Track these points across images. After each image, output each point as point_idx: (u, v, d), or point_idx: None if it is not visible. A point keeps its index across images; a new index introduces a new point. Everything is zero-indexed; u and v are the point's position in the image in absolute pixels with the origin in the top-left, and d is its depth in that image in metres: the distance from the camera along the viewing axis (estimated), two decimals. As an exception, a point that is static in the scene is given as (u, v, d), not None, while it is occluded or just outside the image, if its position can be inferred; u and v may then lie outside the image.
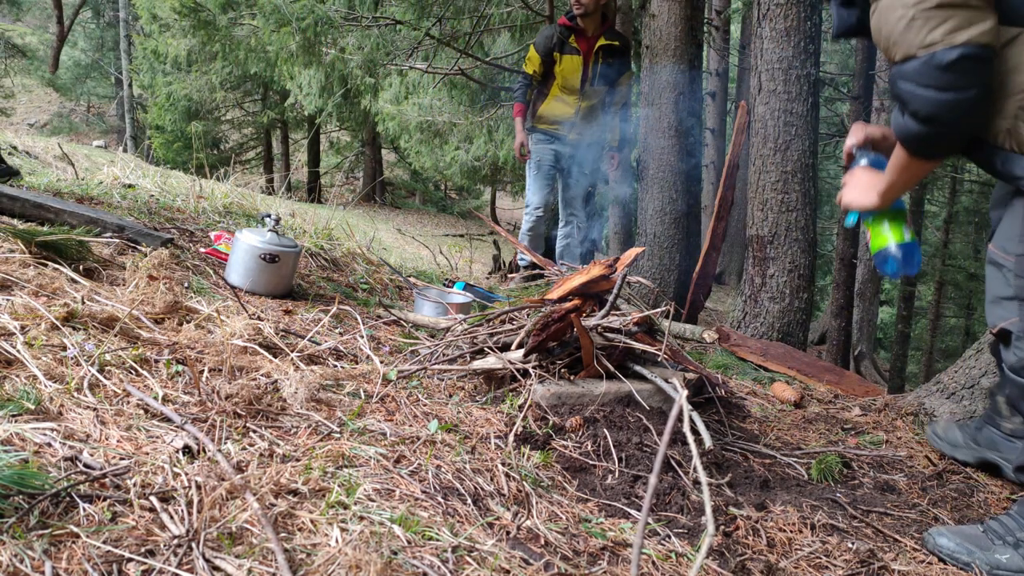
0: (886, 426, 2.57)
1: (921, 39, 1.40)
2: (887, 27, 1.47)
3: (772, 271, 4.58)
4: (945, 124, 1.45)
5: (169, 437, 1.27)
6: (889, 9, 1.45)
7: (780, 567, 1.38)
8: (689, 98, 5.93)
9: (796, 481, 1.87)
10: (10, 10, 19.87)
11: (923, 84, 1.42)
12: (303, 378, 1.63)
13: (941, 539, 1.56)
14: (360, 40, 7.49)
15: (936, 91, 1.41)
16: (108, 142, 20.49)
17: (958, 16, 1.38)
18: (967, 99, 1.42)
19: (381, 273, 3.52)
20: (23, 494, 0.99)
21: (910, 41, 1.42)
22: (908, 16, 1.41)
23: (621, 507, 1.49)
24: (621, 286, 2.06)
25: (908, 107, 1.47)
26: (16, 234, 1.97)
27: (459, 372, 2.06)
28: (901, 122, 1.51)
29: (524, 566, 1.14)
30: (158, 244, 2.40)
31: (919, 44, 1.41)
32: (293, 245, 2.60)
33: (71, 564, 0.91)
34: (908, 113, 1.48)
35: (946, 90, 1.40)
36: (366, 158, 19.36)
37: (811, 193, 4.61)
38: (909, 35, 1.42)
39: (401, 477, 1.35)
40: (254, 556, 1.00)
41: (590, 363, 1.97)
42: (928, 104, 1.43)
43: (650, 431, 1.81)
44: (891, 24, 1.45)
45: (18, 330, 1.51)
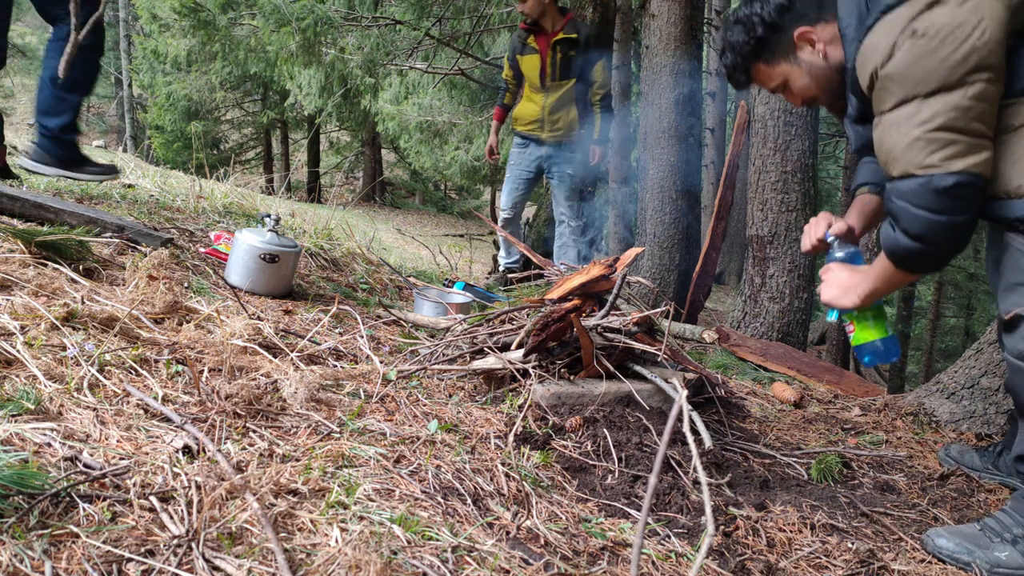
0: (886, 426, 2.57)
1: (920, 160, 1.46)
2: (889, 142, 1.52)
3: (772, 271, 4.58)
4: (934, 244, 1.52)
5: (169, 437, 1.27)
6: (893, 126, 1.50)
7: (780, 567, 1.38)
8: (689, 98, 5.93)
9: (796, 481, 1.87)
10: (10, 10, 19.83)
11: (917, 204, 1.49)
12: (303, 378, 1.63)
13: (940, 540, 1.56)
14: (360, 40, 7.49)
15: (929, 212, 1.48)
16: (108, 142, 20.49)
17: (960, 143, 1.44)
18: (958, 223, 1.49)
19: (381, 273, 3.52)
20: (23, 494, 0.99)
21: (909, 160, 1.48)
22: (912, 136, 1.46)
23: (621, 507, 1.49)
24: (621, 286, 2.06)
25: (900, 223, 1.54)
26: (16, 234, 1.97)
27: (459, 372, 2.06)
28: (892, 236, 1.58)
29: (524, 566, 1.14)
30: (158, 244, 2.40)
31: (918, 164, 1.47)
32: (293, 245, 2.60)
33: (71, 564, 0.91)
34: (899, 229, 1.55)
35: (939, 213, 1.47)
36: (366, 158, 19.36)
37: (811, 193, 4.61)
38: (910, 154, 1.47)
39: (401, 477, 1.35)
40: (254, 556, 1.00)
41: (590, 363, 1.97)
42: (920, 224, 1.50)
43: (650, 431, 1.81)
44: (893, 140, 1.51)
45: (18, 330, 1.51)
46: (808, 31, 1.70)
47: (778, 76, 1.80)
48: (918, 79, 1.44)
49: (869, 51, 1.52)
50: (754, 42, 1.76)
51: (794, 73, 1.77)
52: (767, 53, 1.77)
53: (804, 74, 1.76)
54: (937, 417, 2.60)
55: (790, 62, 1.76)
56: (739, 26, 1.78)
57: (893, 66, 1.47)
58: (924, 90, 1.45)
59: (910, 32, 1.44)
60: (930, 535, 1.59)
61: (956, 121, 1.43)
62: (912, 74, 1.45)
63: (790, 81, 1.80)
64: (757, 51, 1.78)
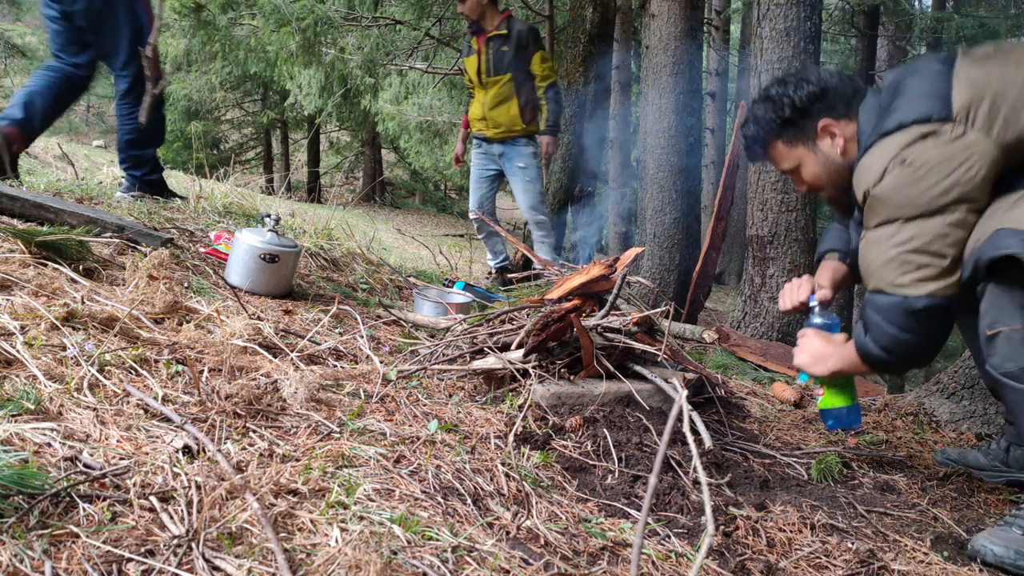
0: (886, 426, 2.57)
1: (893, 279, 1.58)
2: (868, 258, 1.64)
3: (772, 271, 4.58)
4: (898, 357, 1.65)
5: (169, 437, 1.27)
6: (874, 243, 1.62)
7: (780, 567, 1.38)
8: (688, 98, 5.93)
9: (796, 481, 1.87)
10: (10, 10, 19.87)
11: (887, 320, 1.61)
12: (303, 378, 1.63)
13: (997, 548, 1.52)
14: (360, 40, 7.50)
15: (898, 330, 1.60)
16: (108, 142, 20.48)
17: (932, 267, 1.55)
18: (922, 342, 1.61)
19: (381, 273, 3.52)
20: (23, 494, 0.99)
21: (883, 277, 1.60)
22: (888, 255, 1.58)
23: (621, 507, 1.49)
24: (621, 286, 2.06)
25: (870, 332, 1.66)
26: (16, 234, 1.97)
27: (459, 372, 2.06)
28: (862, 339, 1.70)
29: (524, 566, 1.14)
30: (158, 244, 2.40)
31: (890, 282, 1.58)
32: (293, 245, 2.60)
33: (71, 564, 0.91)
34: (869, 337, 1.66)
35: (906, 331, 1.59)
36: (366, 158, 19.36)
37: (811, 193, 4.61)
38: (885, 271, 1.59)
39: (401, 477, 1.35)
40: (254, 556, 1.00)
41: (590, 363, 1.97)
42: (888, 339, 1.62)
43: (650, 431, 1.81)
44: (872, 256, 1.62)
45: (18, 330, 1.51)
46: (832, 124, 1.78)
47: (793, 159, 1.87)
48: (901, 204, 1.55)
49: (863, 171, 1.62)
50: (780, 121, 1.83)
51: (809, 160, 1.84)
52: (788, 134, 1.84)
53: (819, 163, 1.83)
54: (937, 417, 2.60)
55: (808, 149, 1.83)
56: (769, 103, 1.84)
57: (881, 188, 1.57)
58: (905, 214, 1.55)
59: (900, 160, 1.54)
60: (984, 544, 1.53)
61: (930, 245, 1.54)
62: (896, 199, 1.56)
63: (803, 166, 1.86)
64: (780, 130, 1.84)
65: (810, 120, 1.80)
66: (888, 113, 1.62)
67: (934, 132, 1.51)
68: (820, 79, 1.80)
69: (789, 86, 1.81)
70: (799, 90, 1.79)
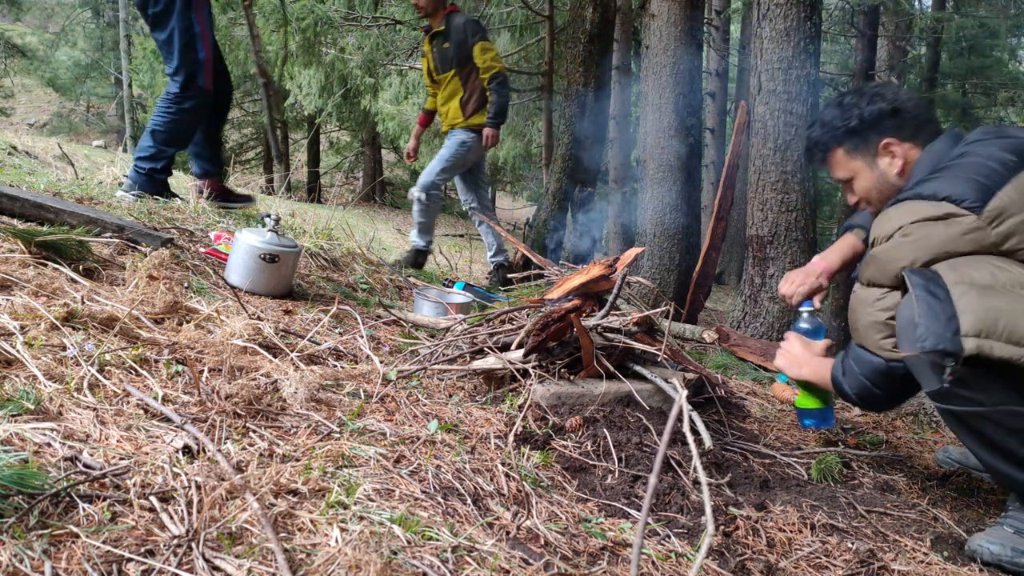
0: (886, 426, 2.57)
1: (876, 340, 1.65)
2: (855, 314, 1.71)
3: (772, 271, 4.58)
4: (866, 403, 1.76)
5: (169, 437, 1.27)
6: (861, 302, 1.69)
7: (780, 567, 1.38)
8: (688, 98, 5.93)
9: (796, 481, 1.87)
10: (10, 10, 19.86)
11: (864, 374, 1.70)
12: (303, 378, 1.63)
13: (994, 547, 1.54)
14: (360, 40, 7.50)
15: (872, 384, 1.69)
16: (108, 142, 20.49)
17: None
18: (889, 398, 1.71)
19: (381, 273, 3.52)
20: (23, 494, 0.99)
21: (867, 337, 1.67)
22: (873, 318, 1.65)
23: (621, 507, 1.49)
24: (621, 286, 2.06)
25: (846, 378, 1.75)
26: (16, 234, 1.97)
27: (459, 372, 2.06)
28: (838, 376, 1.79)
29: (524, 566, 1.14)
30: (158, 244, 2.40)
31: (873, 343, 1.66)
32: (293, 245, 2.60)
33: (71, 564, 0.91)
34: (846, 380, 1.76)
35: (878, 388, 1.68)
36: (366, 158, 19.36)
37: (811, 193, 4.61)
38: (869, 332, 1.66)
39: (401, 477, 1.35)
40: (254, 556, 1.00)
41: (590, 363, 1.97)
42: (861, 388, 1.72)
43: (650, 431, 1.81)
44: (858, 314, 1.69)
45: (18, 330, 1.51)
46: (895, 144, 1.82)
47: (850, 169, 1.90)
48: (887, 271, 1.61)
49: (885, 219, 1.66)
50: (844, 129, 1.87)
51: (865, 174, 1.88)
52: (851, 144, 1.88)
53: (873, 179, 1.87)
54: (937, 417, 2.60)
55: (867, 163, 1.87)
56: (839, 110, 1.89)
57: (882, 249, 1.64)
58: (889, 283, 1.62)
59: (904, 232, 1.59)
60: (981, 544, 1.56)
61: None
62: (887, 264, 1.61)
63: (857, 179, 1.90)
64: (843, 138, 1.88)
65: (875, 135, 1.83)
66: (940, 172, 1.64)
67: (956, 217, 1.54)
68: (896, 98, 1.83)
69: (864, 98, 1.85)
70: (871, 104, 1.83)
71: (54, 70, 21.55)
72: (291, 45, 6.93)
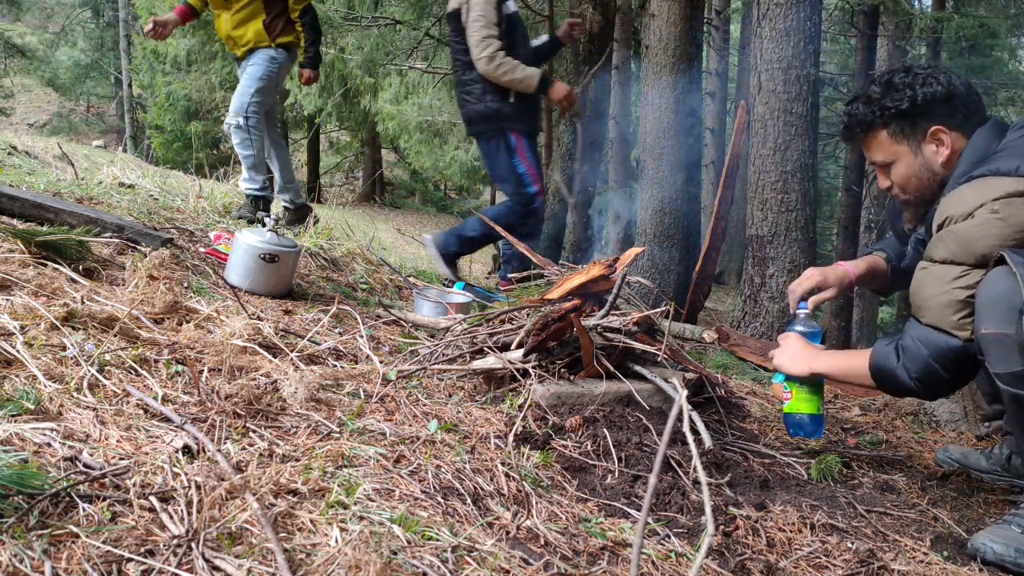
0: (886, 426, 2.57)
1: (954, 320, 1.56)
2: (927, 291, 1.62)
3: (772, 271, 4.58)
4: (926, 389, 1.64)
5: (169, 437, 1.27)
6: (936, 278, 1.60)
7: (780, 567, 1.38)
8: (688, 98, 5.93)
9: (796, 481, 1.87)
10: (10, 10, 19.86)
11: (932, 356, 1.59)
12: (303, 378, 1.63)
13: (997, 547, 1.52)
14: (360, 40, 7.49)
15: (940, 368, 1.59)
16: (108, 142, 20.48)
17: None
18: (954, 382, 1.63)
19: (381, 273, 3.52)
20: (23, 494, 0.99)
21: (943, 315, 1.58)
22: (954, 296, 1.56)
23: (621, 507, 1.49)
24: (621, 286, 2.06)
25: (906, 359, 1.63)
26: (16, 234, 1.97)
27: (459, 372, 2.06)
28: (891, 363, 1.67)
29: (524, 566, 1.14)
30: (158, 244, 2.40)
31: (951, 324, 1.57)
32: (293, 245, 2.60)
33: (71, 564, 0.91)
34: (903, 364, 1.64)
35: (947, 371, 1.59)
36: (366, 158, 19.37)
37: (811, 193, 4.61)
38: (946, 311, 1.57)
39: (401, 477, 1.35)
40: (254, 556, 1.00)
41: (590, 363, 1.97)
42: (926, 373, 1.61)
43: (650, 431, 1.81)
44: (931, 291, 1.60)
45: (18, 330, 1.51)
46: (944, 132, 1.73)
47: (891, 154, 1.80)
48: (969, 249, 1.54)
49: (957, 198, 1.60)
50: (894, 111, 1.76)
51: (907, 160, 1.79)
52: (898, 126, 1.77)
53: (916, 166, 1.79)
54: (937, 417, 2.60)
55: (911, 149, 1.78)
56: (889, 89, 1.77)
57: (963, 227, 1.56)
58: (972, 262, 1.54)
59: (993, 208, 1.52)
60: (984, 543, 1.54)
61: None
62: (972, 245, 1.54)
63: (897, 164, 1.81)
64: (891, 120, 1.77)
65: (924, 120, 1.73)
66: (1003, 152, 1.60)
67: None
68: (950, 83, 1.74)
69: (918, 78, 1.74)
70: (926, 86, 1.72)
71: (54, 70, 21.57)
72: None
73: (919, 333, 1.62)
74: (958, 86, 1.74)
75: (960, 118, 1.73)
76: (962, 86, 1.75)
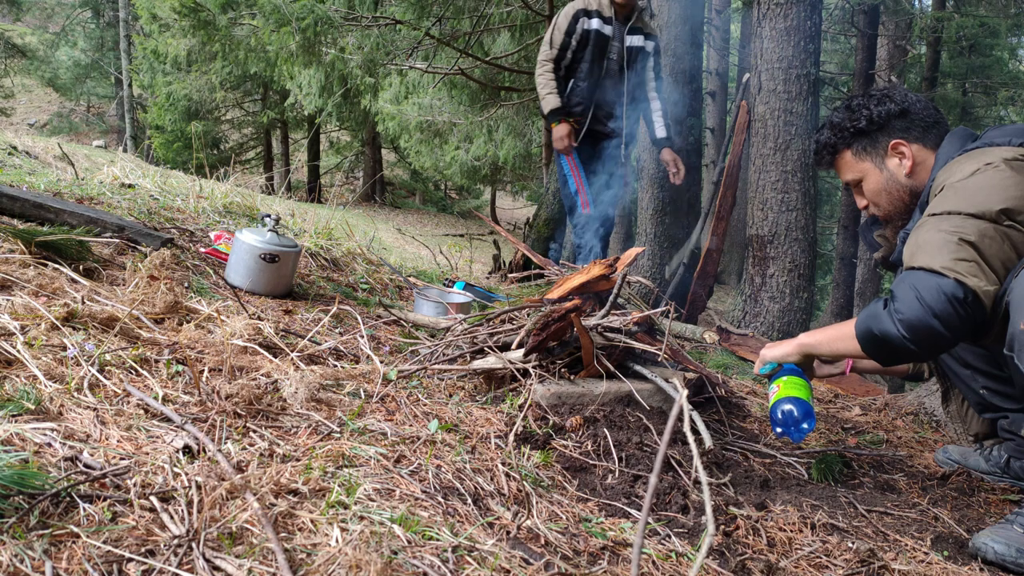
0: (886, 426, 2.57)
1: (945, 260, 1.51)
2: (924, 237, 1.59)
3: (772, 271, 4.58)
4: (914, 340, 1.53)
5: (169, 437, 1.27)
6: (932, 226, 1.59)
7: (780, 566, 1.38)
8: (688, 98, 5.93)
9: (796, 481, 1.87)
10: (10, 10, 19.87)
11: (922, 298, 1.51)
12: (303, 378, 1.63)
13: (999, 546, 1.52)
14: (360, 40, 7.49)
15: (930, 313, 1.49)
16: (108, 142, 20.50)
17: (981, 264, 1.51)
18: (945, 336, 1.50)
19: (381, 273, 3.52)
20: (23, 494, 0.99)
21: (935, 255, 1.53)
22: (946, 239, 1.53)
23: (621, 507, 1.49)
24: (621, 286, 2.06)
25: (896, 302, 1.55)
26: (16, 234, 1.97)
27: (459, 372, 2.06)
28: (878, 313, 1.59)
29: (524, 566, 1.14)
30: (158, 244, 2.40)
31: (941, 263, 1.51)
32: (293, 245, 2.60)
33: (71, 564, 0.91)
34: (890, 311, 1.56)
35: (937, 317, 1.49)
36: (366, 158, 19.37)
37: (811, 192, 4.61)
38: (939, 252, 1.52)
39: (401, 477, 1.35)
40: (254, 556, 1.00)
41: (590, 363, 1.97)
42: (917, 317, 1.51)
43: (650, 431, 1.81)
44: (928, 236, 1.57)
45: (18, 330, 1.51)
46: (904, 145, 1.82)
47: (859, 171, 1.89)
48: (971, 199, 1.55)
49: (955, 167, 1.64)
50: (852, 131, 1.87)
51: (874, 176, 1.87)
52: (860, 145, 1.87)
53: (883, 180, 1.86)
54: (937, 417, 2.60)
55: (875, 164, 1.86)
56: (847, 112, 1.88)
57: (964, 182, 1.59)
58: (971, 211, 1.54)
59: (995, 165, 1.57)
60: (985, 542, 1.54)
61: (987, 248, 1.51)
62: (972, 195, 1.56)
63: (866, 181, 1.89)
64: (851, 140, 1.88)
65: (883, 136, 1.83)
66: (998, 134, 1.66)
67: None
68: (905, 99, 1.83)
69: (872, 100, 1.86)
70: (880, 105, 1.83)
71: (54, 70, 21.58)
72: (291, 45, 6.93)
73: (910, 276, 1.56)
74: (914, 102, 1.83)
75: (918, 131, 1.82)
76: (918, 101, 1.84)
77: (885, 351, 1.60)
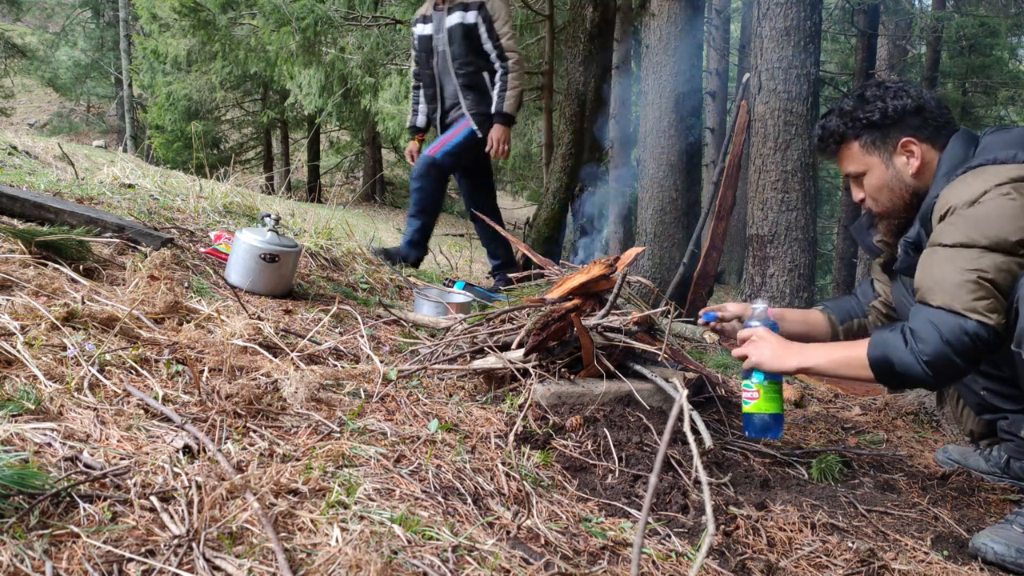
0: (886, 425, 2.57)
1: (966, 301, 1.53)
2: (939, 274, 1.59)
3: (772, 270, 4.58)
4: (934, 377, 1.57)
5: (169, 437, 1.27)
6: (948, 260, 1.58)
7: (780, 566, 1.38)
8: (688, 98, 5.94)
9: (796, 480, 1.87)
10: (10, 10, 19.87)
11: (946, 339, 1.54)
12: (303, 378, 1.63)
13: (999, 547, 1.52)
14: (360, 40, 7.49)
15: (952, 351, 1.54)
16: (108, 142, 20.48)
17: (994, 300, 1.53)
18: (963, 370, 1.57)
19: (381, 273, 3.52)
20: (23, 494, 0.99)
21: (956, 296, 1.54)
22: (965, 278, 1.54)
23: (621, 506, 1.49)
24: (621, 285, 2.06)
25: (918, 342, 1.57)
26: (16, 234, 1.97)
27: (459, 372, 2.06)
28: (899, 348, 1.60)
29: (524, 566, 1.14)
30: (158, 244, 2.40)
31: (963, 304, 1.53)
32: (293, 245, 2.60)
33: (71, 564, 0.91)
34: (915, 348, 1.58)
35: (959, 356, 1.54)
36: (366, 158, 19.36)
37: (811, 192, 4.61)
38: (959, 291, 1.54)
39: (401, 477, 1.35)
40: (254, 556, 1.00)
41: (590, 362, 1.97)
42: (939, 356, 1.55)
43: (650, 430, 1.81)
44: (944, 272, 1.57)
45: (18, 330, 1.51)
46: (914, 144, 1.77)
47: (863, 164, 1.83)
48: (988, 233, 1.53)
49: (960, 187, 1.60)
50: (865, 122, 1.80)
51: (878, 172, 1.82)
52: (870, 137, 1.81)
53: (887, 177, 1.81)
54: (937, 417, 2.60)
55: (882, 160, 1.81)
56: (860, 101, 1.81)
57: (975, 210, 1.56)
58: (986, 243, 1.54)
59: (1006, 191, 1.53)
60: (985, 542, 1.54)
61: (1002, 280, 1.53)
62: (986, 226, 1.54)
63: (869, 175, 1.83)
64: (861, 131, 1.81)
65: (895, 132, 1.78)
66: (999, 145, 1.62)
67: None
68: (920, 96, 1.78)
69: (889, 91, 1.79)
70: (896, 99, 1.77)
71: (54, 70, 21.57)
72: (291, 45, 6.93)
73: (931, 315, 1.57)
74: (928, 100, 1.79)
75: (930, 130, 1.77)
76: (932, 101, 1.79)
77: (899, 381, 1.65)
